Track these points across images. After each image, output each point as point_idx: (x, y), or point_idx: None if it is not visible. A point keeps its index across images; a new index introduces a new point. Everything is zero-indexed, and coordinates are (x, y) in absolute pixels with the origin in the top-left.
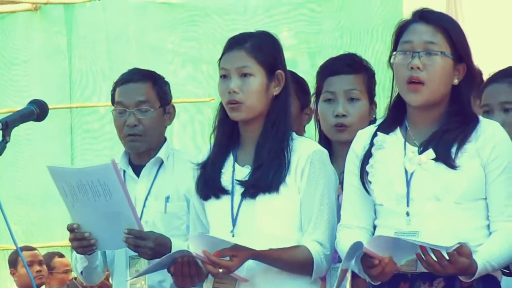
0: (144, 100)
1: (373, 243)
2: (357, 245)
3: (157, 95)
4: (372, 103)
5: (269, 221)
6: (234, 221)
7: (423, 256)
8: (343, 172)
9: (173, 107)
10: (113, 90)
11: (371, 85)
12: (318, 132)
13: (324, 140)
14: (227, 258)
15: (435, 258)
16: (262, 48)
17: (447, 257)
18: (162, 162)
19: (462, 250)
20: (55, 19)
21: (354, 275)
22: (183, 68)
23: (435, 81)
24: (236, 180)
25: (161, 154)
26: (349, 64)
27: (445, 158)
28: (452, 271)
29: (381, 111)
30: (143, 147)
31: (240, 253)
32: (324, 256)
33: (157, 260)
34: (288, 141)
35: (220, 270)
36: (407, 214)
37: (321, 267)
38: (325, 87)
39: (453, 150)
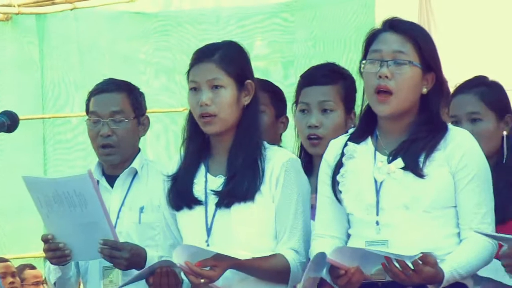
0: (118, 110)
1: (337, 254)
2: (320, 256)
3: (132, 106)
4: (349, 113)
5: (245, 230)
6: (208, 230)
7: (388, 266)
8: None
9: (148, 118)
10: (88, 100)
11: (349, 95)
12: (299, 141)
13: (305, 150)
14: (208, 268)
15: (400, 268)
16: (231, 59)
17: (411, 267)
18: (136, 173)
19: (426, 259)
20: (27, 29)
21: (327, 284)
22: (156, 78)
23: (403, 90)
24: (210, 190)
25: (135, 164)
26: (325, 75)
27: (413, 167)
28: (417, 280)
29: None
30: (116, 158)
31: (221, 263)
32: (300, 263)
33: (138, 272)
34: (261, 150)
35: (202, 280)
36: (377, 223)
37: (297, 275)
38: (301, 98)
39: (421, 159)
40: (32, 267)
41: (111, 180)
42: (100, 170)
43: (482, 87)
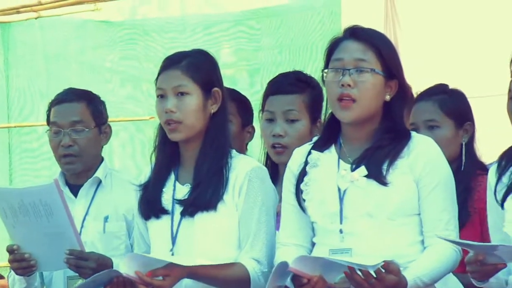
0: (78, 120)
1: (299, 263)
2: (283, 265)
3: (92, 115)
4: (315, 122)
5: (208, 240)
6: (173, 240)
7: (350, 275)
8: None
9: (109, 126)
10: (48, 110)
11: (314, 104)
12: (265, 150)
13: (271, 159)
14: (160, 277)
15: (362, 277)
16: (198, 66)
17: (374, 275)
18: (100, 182)
19: (389, 267)
20: None
21: None
22: (122, 86)
23: (366, 98)
24: (175, 199)
25: (99, 173)
26: (291, 83)
27: (377, 175)
28: None
29: None
30: (78, 168)
31: (173, 272)
32: (262, 273)
33: (92, 276)
34: (227, 159)
35: None
36: (341, 231)
37: (258, 284)
38: (266, 106)
39: (384, 166)
40: (1, 277)
41: (74, 189)
42: (63, 179)
43: (442, 95)
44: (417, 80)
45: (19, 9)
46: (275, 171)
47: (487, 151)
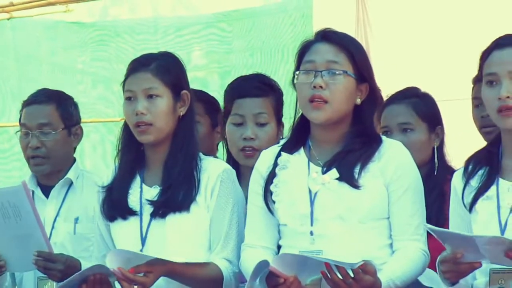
0: (46, 122)
1: (279, 261)
2: (263, 264)
3: (61, 117)
4: (279, 124)
5: (179, 241)
6: (143, 240)
7: (328, 274)
8: None
9: (81, 128)
10: (21, 111)
11: (279, 107)
12: (226, 152)
13: (232, 160)
14: (142, 274)
15: (340, 276)
16: (168, 69)
17: (352, 275)
18: (71, 183)
19: (367, 268)
20: None
21: None
22: (94, 88)
23: (338, 99)
24: (146, 199)
25: (70, 175)
26: (258, 87)
27: (348, 178)
28: None
29: (287, 131)
30: (46, 169)
31: (155, 269)
32: (233, 273)
33: (69, 278)
34: (196, 161)
35: (135, 287)
36: (311, 233)
37: (230, 284)
38: (234, 109)
39: (356, 170)
40: None
41: (46, 190)
42: (35, 180)
43: (415, 98)
44: (387, 83)
45: None
46: (237, 172)
47: (455, 154)
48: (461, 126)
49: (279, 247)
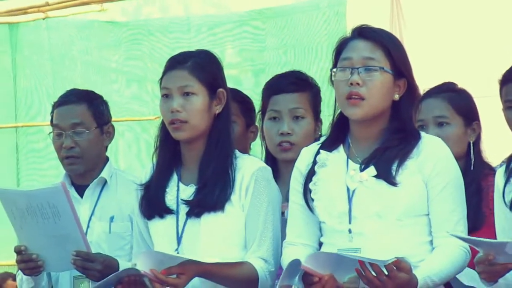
0: (79, 122)
1: (312, 260)
2: (295, 263)
3: (93, 116)
4: (317, 120)
5: (214, 240)
6: (179, 239)
7: (362, 272)
8: (288, 189)
9: (112, 126)
10: (52, 112)
11: (316, 103)
12: (265, 150)
13: (270, 158)
14: (174, 276)
15: (374, 274)
16: (204, 67)
17: (386, 272)
18: (105, 182)
19: (401, 265)
20: (0, 39)
21: None
22: (128, 87)
23: (375, 96)
24: (181, 199)
25: (104, 174)
26: (293, 82)
27: (386, 175)
28: (391, 286)
29: (326, 128)
30: (81, 169)
31: (187, 270)
32: (269, 272)
33: (104, 279)
34: (232, 159)
35: None
36: (349, 231)
37: (266, 284)
38: (270, 106)
39: (394, 167)
40: (15, 278)
41: (80, 190)
42: (69, 180)
43: (451, 93)
44: (423, 80)
45: (27, 10)
46: (275, 170)
47: (491, 151)
48: (497, 123)
49: (321, 244)
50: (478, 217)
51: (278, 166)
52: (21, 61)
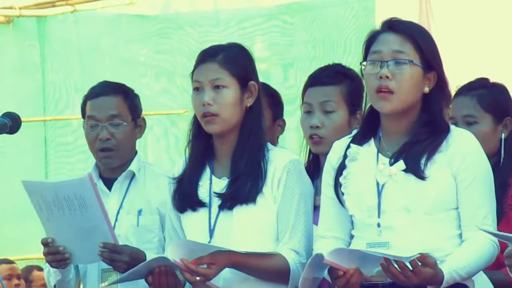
0: (116, 114)
1: (335, 255)
2: (318, 257)
3: (129, 109)
4: (354, 113)
5: (246, 232)
6: (211, 232)
7: (387, 267)
8: None
9: (144, 120)
10: (84, 104)
11: (353, 96)
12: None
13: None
14: (205, 266)
15: (398, 269)
16: (235, 60)
17: (410, 268)
18: (133, 175)
19: (426, 260)
20: (28, 32)
21: (330, 285)
22: (157, 80)
23: (404, 89)
24: (214, 192)
25: (133, 167)
26: (328, 75)
27: (415, 169)
28: (416, 281)
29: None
30: (115, 162)
31: (217, 260)
32: (300, 264)
33: (134, 268)
34: (264, 152)
35: (198, 278)
36: (378, 225)
37: (297, 276)
38: (304, 98)
39: (423, 161)
40: (40, 269)
41: (108, 183)
42: (97, 173)
43: (481, 90)
44: (454, 76)
45: (55, 3)
46: (317, 163)
47: None
48: None
49: (352, 237)
50: (497, 212)
51: (318, 159)
52: (49, 54)
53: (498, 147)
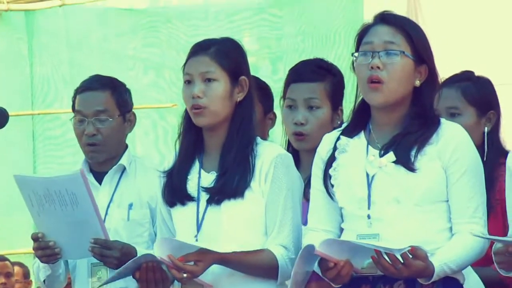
0: (102, 109)
1: (326, 246)
2: (309, 248)
3: (116, 104)
4: (336, 109)
5: (234, 227)
6: (198, 227)
7: (377, 259)
8: (308, 177)
9: (134, 114)
10: (74, 97)
11: (336, 92)
12: (286, 136)
13: (292, 146)
14: (192, 263)
15: (389, 261)
16: (227, 54)
17: (401, 260)
18: (124, 169)
19: (417, 253)
20: (16, 26)
21: (318, 278)
22: (145, 74)
23: (395, 80)
24: (201, 187)
25: (123, 161)
26: (312, 71)
27: (405, 161)
28: (407, 274)
29: (346, 116)
30: (102, 157)
31: (205, 257)
32: (289, 259)
33: (123, 266)
34: (252, 147)
35: (185, 275)
36: (368, 217)
37: (286, 271)
38: (288, 93)
39: (413, 152)
40: (21, 265)
41: (98, 176)
42: (87, 167)
43: (466, 82)
44: (441, 70)
45: None
46: (297, 158)
47: None
48: None
49: (342, 230)
50: (486, 205)
51: (298, 154)
52: (37, 48)
53: (481, 141)
